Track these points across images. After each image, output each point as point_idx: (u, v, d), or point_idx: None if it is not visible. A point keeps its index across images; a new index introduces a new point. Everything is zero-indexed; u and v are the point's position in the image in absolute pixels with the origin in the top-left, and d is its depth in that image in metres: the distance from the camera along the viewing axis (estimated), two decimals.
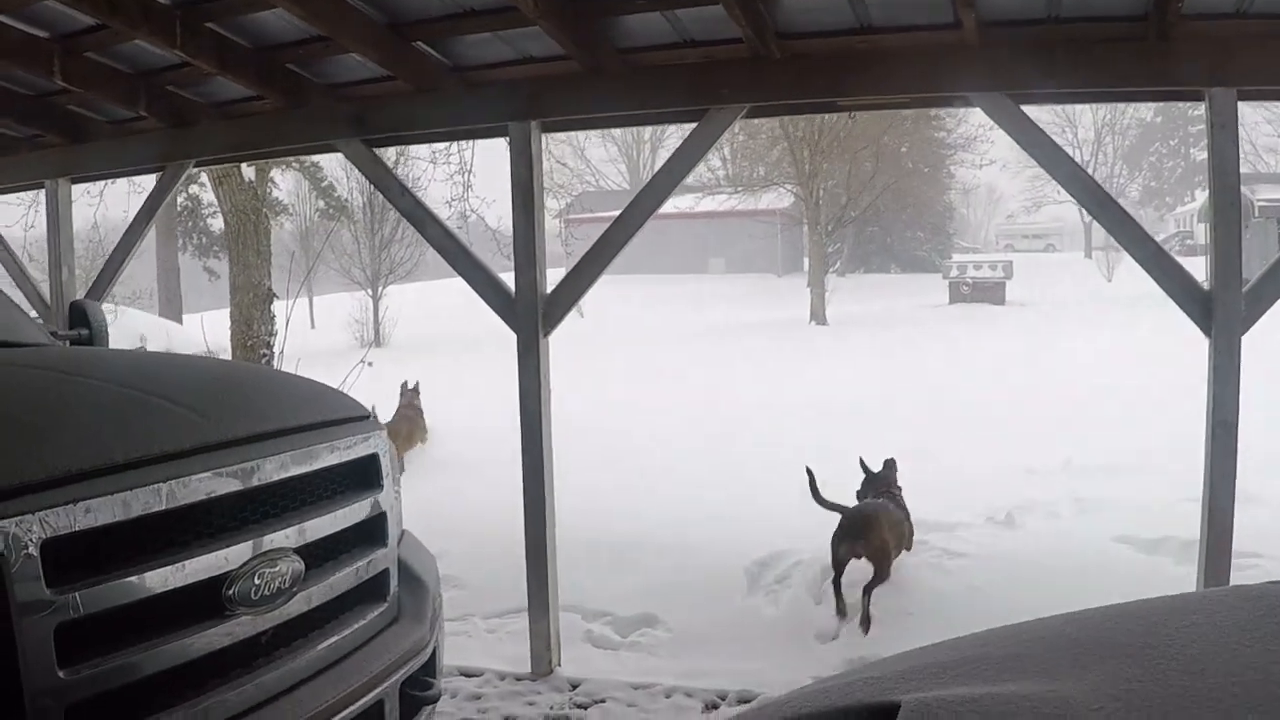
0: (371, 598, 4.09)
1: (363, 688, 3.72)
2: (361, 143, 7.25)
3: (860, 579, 8.07)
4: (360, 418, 4.23)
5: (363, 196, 40.81)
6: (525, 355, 6.97)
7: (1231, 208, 6.15)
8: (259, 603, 3.36)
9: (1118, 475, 12.17)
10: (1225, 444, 6.11)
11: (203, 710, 3.17)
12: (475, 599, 8.04)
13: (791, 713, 2.25)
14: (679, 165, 7.01)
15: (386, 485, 4.20)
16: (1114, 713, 1.96)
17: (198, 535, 3.25)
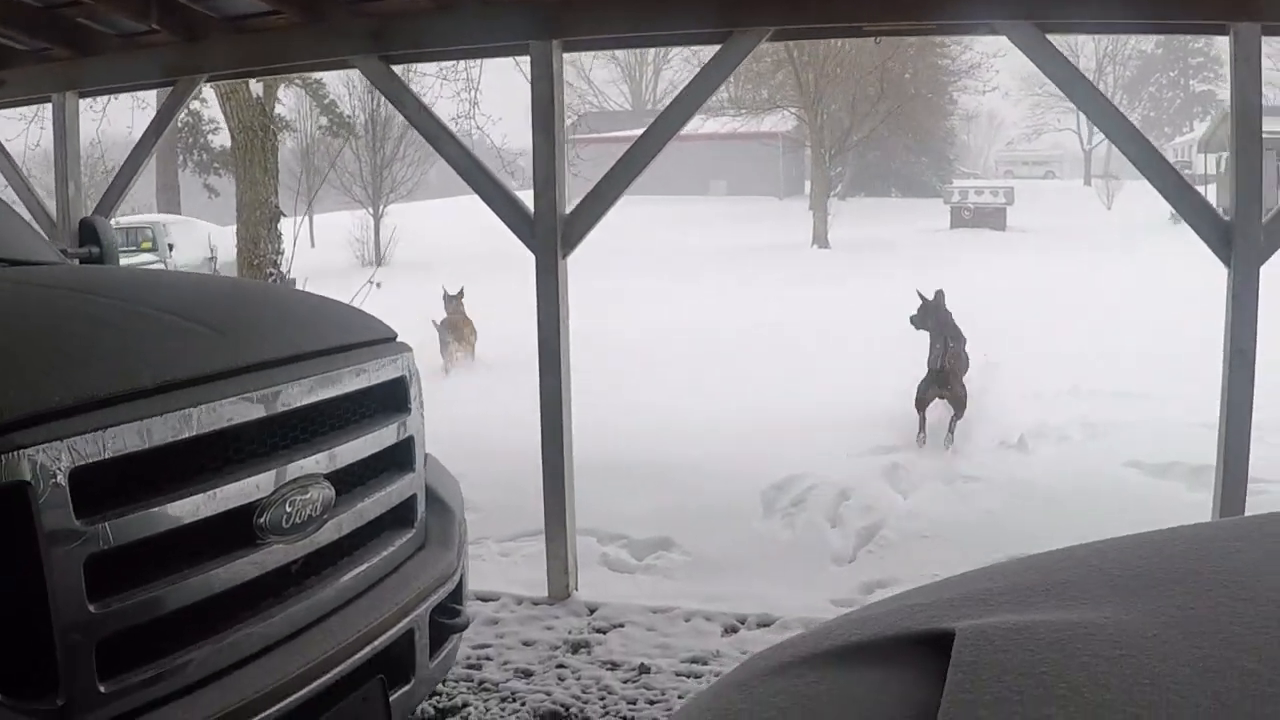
0: (399, 524, 4.04)
1: (393, 616, 3.67)
2: (379, 59, 7.11)
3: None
4: (388, 339, 4.16)
5: (365, 114, 40.55)
6: (544, 277, 6.88)
7: (1253, 141, 6.11)
8: (290, 531, 3.30)
9: (1125, 400, 12.25)
10: (1242, 373, 6.12)
11: (235, 643, 3.12)
12: (489, 522, 8.01)
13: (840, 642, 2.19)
14: (701, 88, 6.89)
15: (414, 409, 4.13)
16: (1170, 639, 1.90)
17: (227, 462, 3.17)
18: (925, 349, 11.80)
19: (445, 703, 5.62)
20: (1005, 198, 43.84)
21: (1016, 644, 1.92)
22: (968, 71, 49.46)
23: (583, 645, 6.37)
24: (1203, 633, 1.91)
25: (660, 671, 5.98)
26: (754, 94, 49.07)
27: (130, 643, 2.86)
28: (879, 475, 9.36)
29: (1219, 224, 6.13)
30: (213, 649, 3.04)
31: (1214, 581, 2.13)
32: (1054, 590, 2.22)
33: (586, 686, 5.84)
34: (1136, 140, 6.38)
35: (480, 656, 6.20)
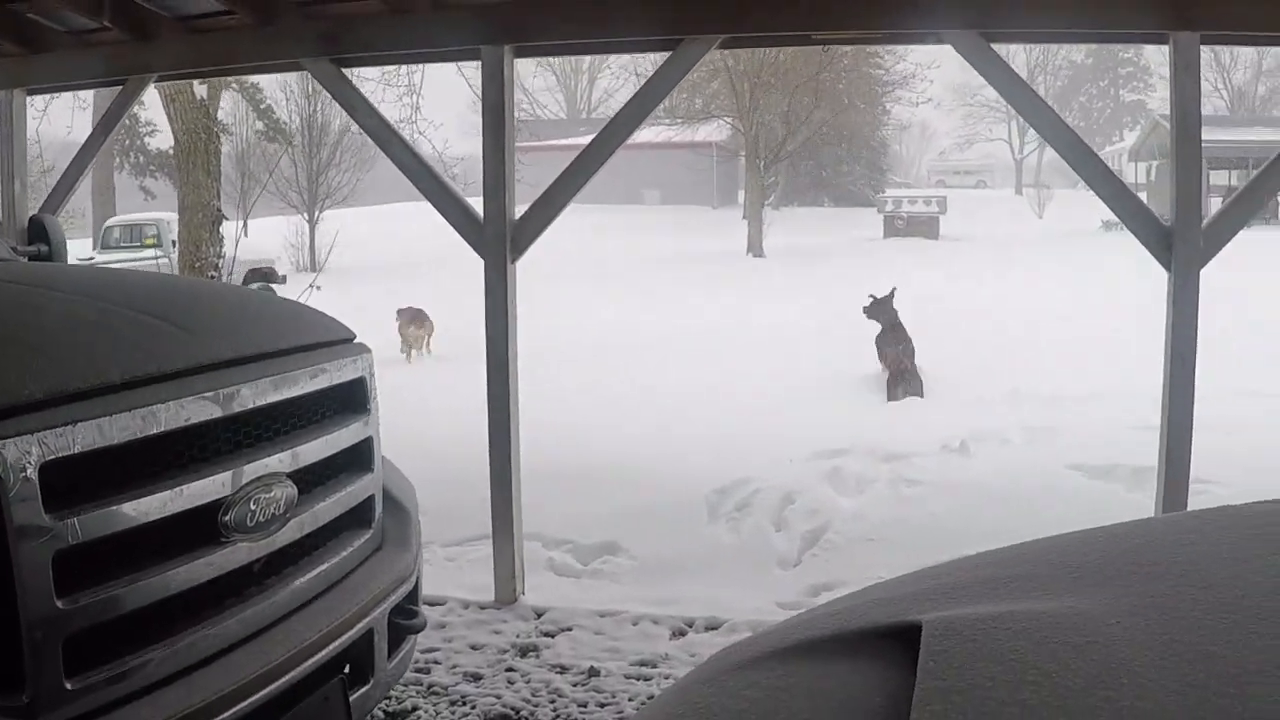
0: (358, 524, 4.04)
1: (354, 617, 3.68)
2: (330, 61, 7.10)
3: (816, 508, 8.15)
4: (347, 340, 4.17)
5: (301, 119, 40.37)
6: (493, 282, 6.89)
7: (1192, 147, 6.27)
8: (254, 529, 3.30)
9: (1063, 404, 12.45)
10: (1182, 374, 6.24)
11: (199, 641, 3.12)
12: (435, 526, 7.97)
13: (806, 637, 2.23)
14: (651, 95, 6.95)
15: (373, 410, 4.14)
16: (1133, 626, 1.95)
17: (193, 459, 3.17)
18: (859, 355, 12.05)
19: (395, 706, 5.63)
20: (938, 207, 44.20)
21: (984, 633, 1.96)
22: (901, 82, 49.82)
23: (531, 649, 6.39)
24: (1165, 619, 1.96)
25: (610, 674, 6.00)
26: (689, 103, 49.20)
27: (97, 640, 2.85)
28: (822, 479, 9.41)
29: (1159, 229, 6.25)
30: (178, 647, 3.04)
31: (1172, 571, 2.18)
32: (1016, 582, 2.27)
33: (536, 690, 5.86)
34: (1077, 148, 6.50)
35: (429, 660, 6.20)
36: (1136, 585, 2.15)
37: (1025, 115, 6.64)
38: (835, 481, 9.39)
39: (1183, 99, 6.23)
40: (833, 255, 33.79)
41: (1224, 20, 6.25)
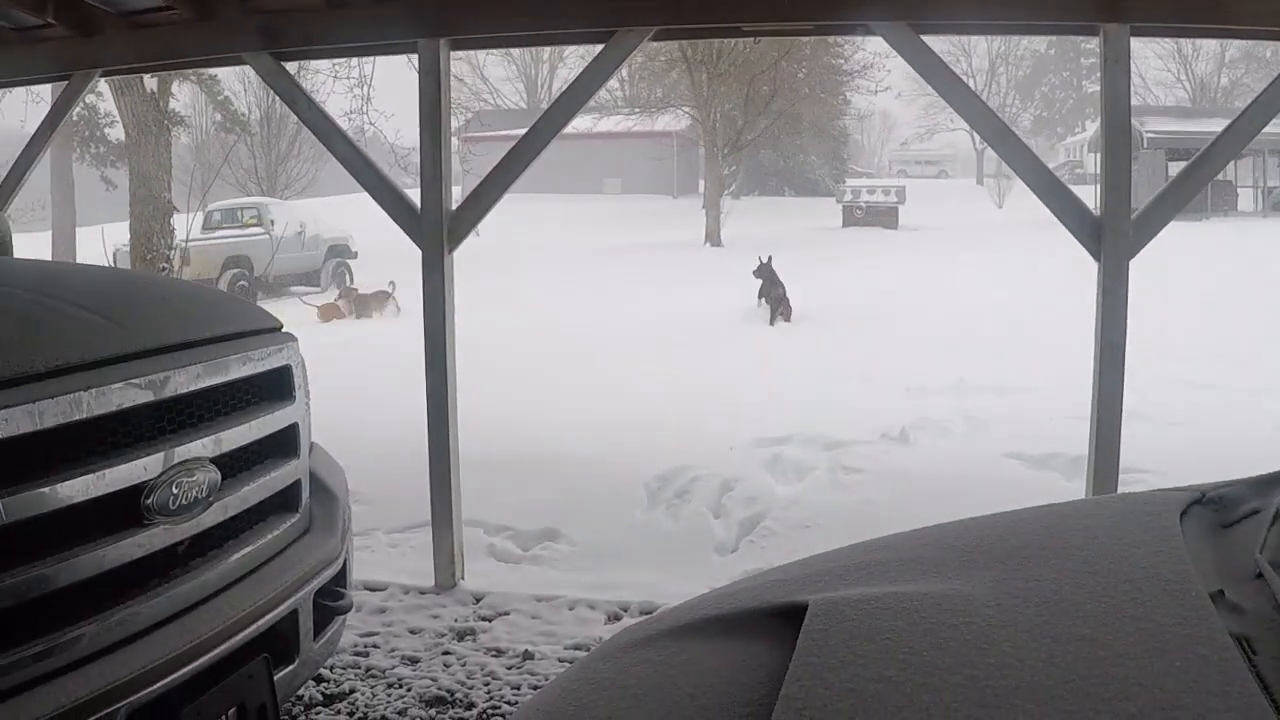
0: (284, 509, 4.11)
1: (277, 598, 3.74)
2: (269, 56, 7.15)
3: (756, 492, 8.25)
4: (273, 329, 4.24)
5: (260, 110, 40.21)
6: (430, 271, 6.97)
7: (1122, 138, 6.36)
8: (177, 512, 3.37)
9: (1007, 395, 12.56)
10: (1113, 364, 6.35)
11: (122, 620, 3.19)
12: (377, 513, 8.08)
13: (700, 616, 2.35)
14: (585, 86, 7.00)
15: (298, 397, 4.21)
16: (1012, 608, 2.07)
17: (116, 445, 3.25)
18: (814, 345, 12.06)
19: (333, 689, 5.70)
20: (897, 197, 44.28)
21: (864, 613, 2.09)
22: (860, 71, 49.90)
23: (468, 633, 6.48)
24: (1045, 602, 2.09)
25: (544, 658, 6.10)
26: (648, 93, 49.19)
27: (21, 620, 2.92)
28: (761, 467, 9.53)
29: (1090, 220, 6.36)
30: (101, 626, 3.11)
31: (1061, 555, 2.31)
32: (907, 565, 2.40)
33: (471, 672, 5.95)
34: (1009, 139, 6.58)
35: (367, 644, 6.29)
36: (1023, 569, 2.28)
37: (956, 106, 6.70)
38: (775, 469, 9.52)
39: (1113, 90, 6.32)
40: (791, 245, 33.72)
41: (1154, 12, 6.33)
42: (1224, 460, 3.79)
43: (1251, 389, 12.81)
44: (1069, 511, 2.72)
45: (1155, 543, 2.29)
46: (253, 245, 28.65)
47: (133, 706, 3.05)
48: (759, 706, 1.82)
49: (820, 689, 1.78)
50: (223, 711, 3.42)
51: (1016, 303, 19.87)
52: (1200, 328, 17.19)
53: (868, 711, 1.70)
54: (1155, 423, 10.36)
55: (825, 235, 37.85)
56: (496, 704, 5.57)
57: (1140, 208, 6.36)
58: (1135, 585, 2.09)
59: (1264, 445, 9.75)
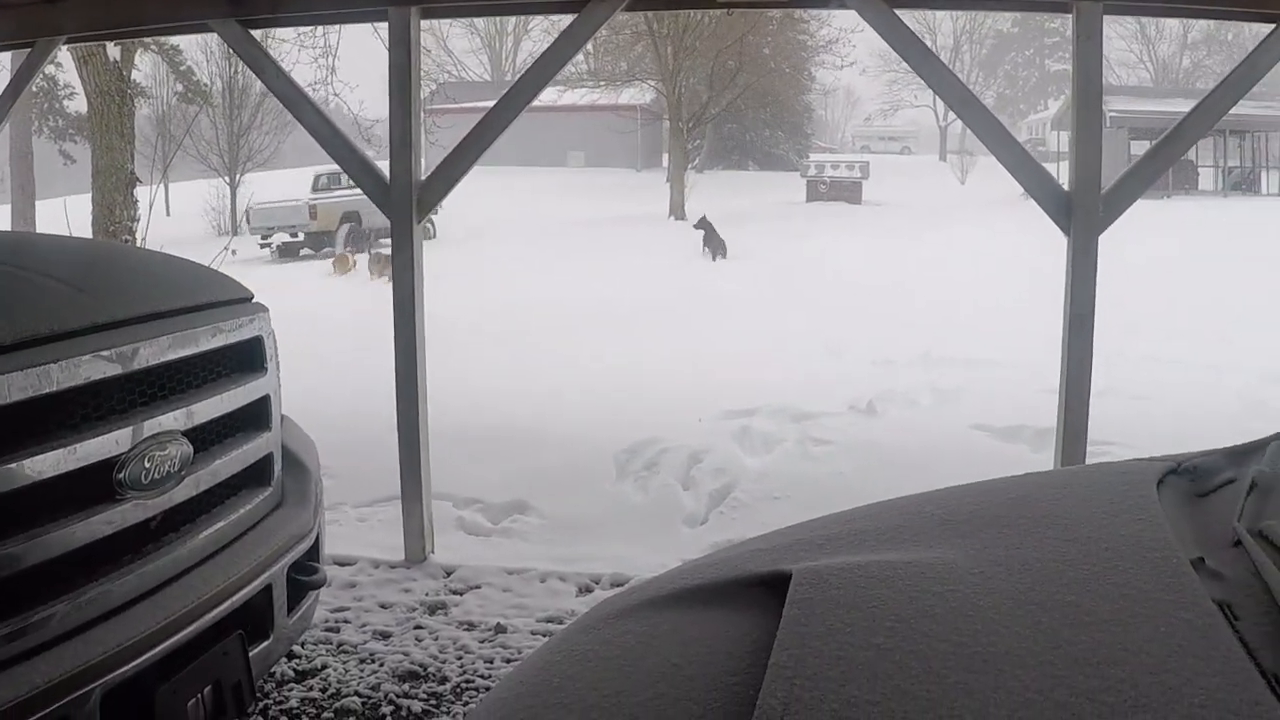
0: (256, 482, 4.07)
1: (251, 573, 3.71)
2: (237, 23, 7.05)
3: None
4: (244, 299, 4.19)
5: (222, 81, 40.00)
6: (399, 242, 6.92)
7: (1093, 115, 6.38)
8: (149, 486, 3.33)
9: (973, 367, 12.63)
10: (1081, 337, 6.38)
11: (97, 597, 3.14)
12: (345, 487, 8.04)
13: (681, 586, 2.32)
14: (556, 57, 6.94)
15: (270, 369, 4.17)
16: (995, 575, 2.06)
17: (87, 418, 3.20)
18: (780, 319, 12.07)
19: (305, 665, 5.67)
20: (861, 172, 44.46)
21: (850, 581, 2.07)
22: (826, 47, 50.07)
23: (440, 607, 6.45)
24: (1027, 569, 2.08)
25: (516, 631, 6.09)
26: (613, 66, 49.18)
27: None
28: (730, 438, 9.53)
29: (1060, 195, 6.37)
30: (75, 603, 3.07)
31: (1040, 524, 2.30)
32: (889, 534, 2.38)
33: (444, 646, 5.92)
34: (981, 114, 6.59)
35: (339, 619, 6.26)
36: (1004, 537, 2.27)
37: (929, 81, 6.70)
38: (743, 441, 9.53)
39: (1085, 68, 6.32)
40: (755, 219, 33.91)
41: None
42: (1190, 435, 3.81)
43: (1216, 365, 12.95)
44: (1046, 481, 2.72)
45: (1134, 511, 2.29)
46: (360, 203, 30.48)
47: (106, 687, 3.01)
48: (745, 675, 1.80)
49: (810, 657, 1.76)
50: (198, 690, 3.38)
51: (981, 276, 20.00)
52: (1165, 305, 17.34)
53: (858, 679, 1.69)
54: (1121, 396, 10.42)
55: (789, 210, 37.97)
56: (470, 678, 5.55)
57: (1110, 184, 6.36)
58: (1116, 553, 2.09)
59: (1229, 420, 9.80)
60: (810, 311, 16.91)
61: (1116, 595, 1.92)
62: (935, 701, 1.61)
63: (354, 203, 31.74)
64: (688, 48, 40.66)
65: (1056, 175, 6.63)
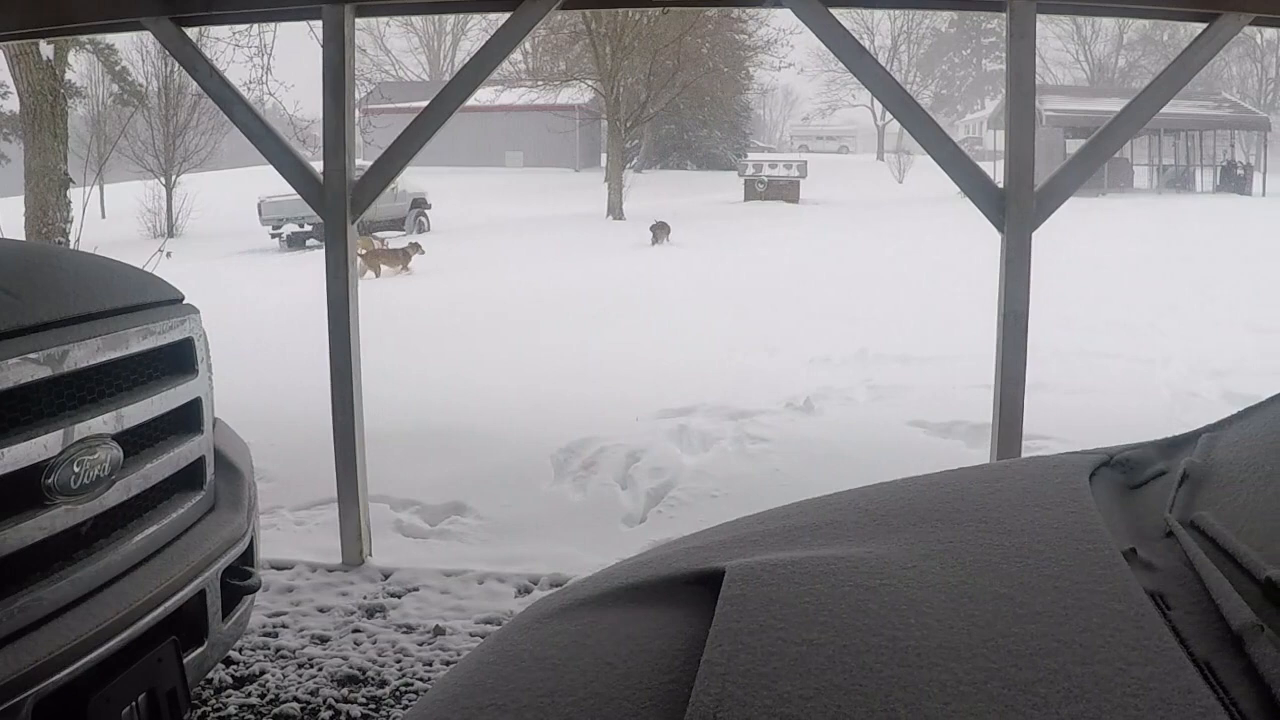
0: (188, 486, 4.03)
1: (184, 578, 3.68)
2: (170, 21, 6.97)
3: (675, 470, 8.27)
4: (174, 301, 4.15)
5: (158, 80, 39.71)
6: (333, 242, 6.86)
7: (1026, 113, 6.42)
8: (79, 491, 3.29)
9: (910, 364, 12.74)
10: (1016, 333, 6.43)
11: (25, 606, 3.10)
12: (283, 491, 8.00)
13: (616, 585, 2.33)
14: (491, 55, 6.91)
15: (201, 371, 4.13)
16: (928, 569, 2.08)
17: (15, 422, 3.15)
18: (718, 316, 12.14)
19: (243, 671, 5.62)
20: (799, 171, 44.62)
21: (782, 577, 2.07)
22: (764, 47, 50.37)
23: (378, 610, 6.41)
24: (960, 563, 2.10)
25: (455, 633, 6.06)
26: (551, 66, 49.17)
27: None
28: (667, 437, 9.56)
29: (994, 192, 6.41)
30: (5, 611, 3.03)
31: (973, 518, 2.32)
32: (822, 529, 2.39)
33: (383, 650, 5.89)
34: (915, 113, 6.61)
35: (276, 624, 6.20)
36: (937, 531, 2.28)
37: (864, 80, 6.71)
38: (681, 440, 9.55)
39: (1018, 66, 6.36)
40: (693, 218, 34.01)
41: None
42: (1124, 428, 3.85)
43: (1149, 359, 13.13)
44: (980, 475, 2.74)
45: (1067, 503, 2.32)
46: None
47: (39, 696, 2.98)
48: (680, 673, 1.81)
49: (742, 653, 1.77)
50: (132, 697, 3.35)
51: (917, 274, 20.16)
52: (1099, 300, 17.54)
53: (791, 674, 1.69)
54: (1056, 391, 10.53)
55: (727, 209, 38.10)
56: (409, 681, 5.52)
57: (1042, 181, 6.40)
58: (1049, 545, 2.11)
59: (1163, 413, 9.96)
60: (747, 310, 16.97)
61: (1049, 587, 1.94)
62: (868, 696, 1.62)
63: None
64: (626, 47, 40.70)
65: (994, 173, 6.67)
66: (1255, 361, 12.17)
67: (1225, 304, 17.54)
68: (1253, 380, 10.99)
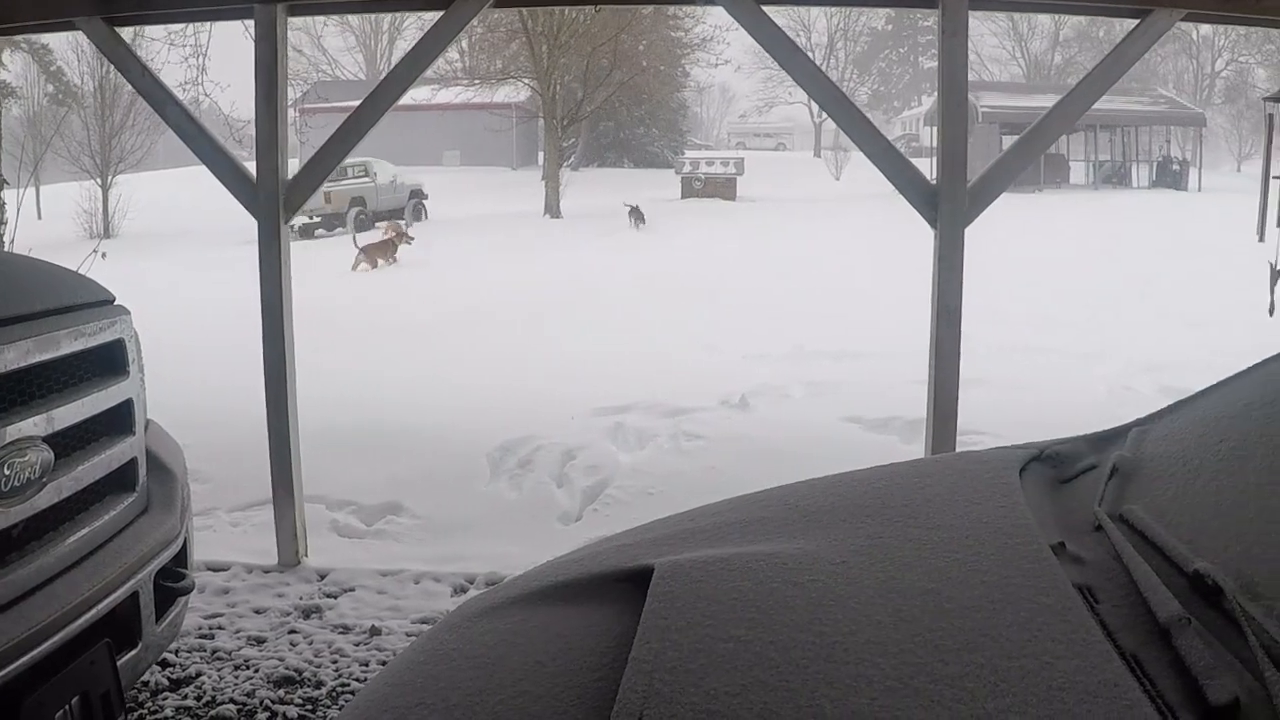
0: (120, 488, 4.01)
1: (116, 580, 3.66)
2: (103, 20, 6.91)
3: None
4: (105, 302, 4.12)
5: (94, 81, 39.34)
6: (266, 242, 6.82)
7: (958, 110, 6.47)
8: (9, 494, 3.27)
9: (845, 360, 12.81)
10: (949, 328, 6.49)
11: None
12: (218, 492, 7.96)
13: (546, 583, 2.34)
14: (422, 55, 6.89)
15: (133, 372, 4.11)
16: (856, 565, 2.10)
17: None
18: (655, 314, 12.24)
19: (179, 673, 5.59)
20: (736, 169, 44.63)
21: (711, 574, 2.09)
22: (700, 44, 50.36)
23: (314, 610, 6.40)
24: (888, 558, 2.12)
25: (391, 633, 6.06)
26: (488, 64, 49.04)
27: None
28: (603, 435, 9.59)
29: (926, 189, 6.48)
30: None
31: (904, 512, 2.34)
32: (752, 526, 2.41)
33: (319, 650, 5.88)
34: (848, 110, 6.66)
35: (212, 626, 6.18)
36: (867, 527, 2.31)
37: (796, 77, 6.74)
38: (617, 437, 9.59)
39: (950, 63, 6.41)
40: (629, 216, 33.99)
41: None
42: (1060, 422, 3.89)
43: (1085, 354, 13.26)
44: (910, 470, 2.77)
45: (996, 498, 2.34)
46: (365, 189, 39.20)
47: None
48: (608, 670, 1.83)
49: (669, 650, 1.79)
50: (66, 701, 3.33)
51: (854, 271, 20.25)
52: (1036, 295, 17.70)
53: (717, 670, 1.71)
54: (992, 386, 10.61)
55: (664, 206, 38.04)
56: (345, 681, 5.52)
57: (975, 177, 6.45)
58: (978, 539, 2.14)
59: (1098, 408, 10.01)
60: (684, 308, 16.98)
61: (977, 582, 1.96)
62: (795, 691, 1.64)
63: (361, 189, 39.05)
64: (562, 45, 40.65)
65: (931, 170, 6.70)
66: (1191, 356, 12.31)
67: (1161, 299, 17.75)
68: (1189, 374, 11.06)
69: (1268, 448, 2.11)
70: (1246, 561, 1.78)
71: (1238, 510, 1.99)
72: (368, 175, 40.42)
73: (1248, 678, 1.53)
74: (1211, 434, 2.32)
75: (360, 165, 41.28)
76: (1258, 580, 1.72)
